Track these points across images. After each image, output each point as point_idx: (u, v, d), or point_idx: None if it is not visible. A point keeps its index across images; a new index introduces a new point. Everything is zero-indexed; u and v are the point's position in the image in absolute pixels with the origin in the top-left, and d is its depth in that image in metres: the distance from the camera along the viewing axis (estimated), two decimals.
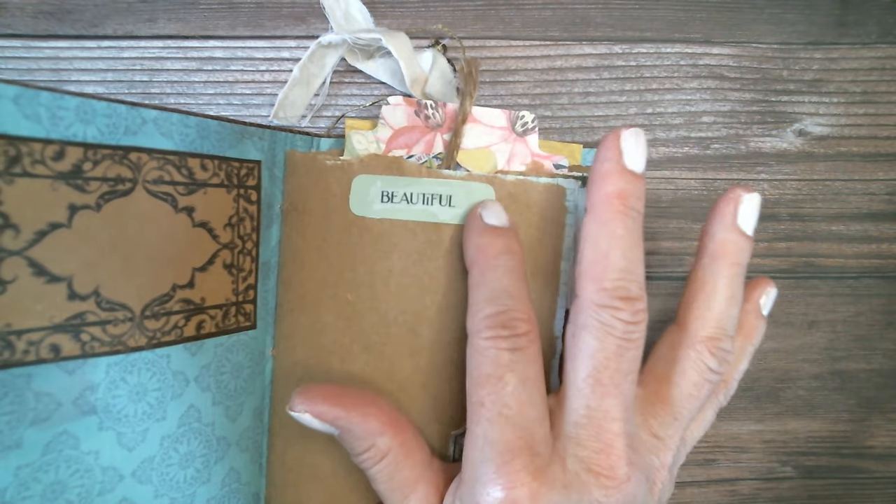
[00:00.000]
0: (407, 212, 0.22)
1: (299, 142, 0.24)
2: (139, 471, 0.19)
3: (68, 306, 0.17)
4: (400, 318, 0.22)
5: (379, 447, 0.20)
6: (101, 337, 0.17)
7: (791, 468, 0.29)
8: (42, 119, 0.16)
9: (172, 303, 0.19)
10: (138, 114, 0.18)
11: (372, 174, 0.22)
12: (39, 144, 0.16)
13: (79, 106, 0.16)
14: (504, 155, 0.23)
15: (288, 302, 0.23)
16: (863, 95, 0.27)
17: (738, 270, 0.20)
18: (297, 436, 0.23)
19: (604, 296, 0.18)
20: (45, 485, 0.17)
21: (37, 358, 0.16)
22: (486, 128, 0.23)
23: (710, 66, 0.27)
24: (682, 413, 0.19)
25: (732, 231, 0.20)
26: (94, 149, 0.17)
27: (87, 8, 0.25)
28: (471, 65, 0.22)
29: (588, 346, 0.18)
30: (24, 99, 0.15)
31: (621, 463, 0.18)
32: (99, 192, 0.17)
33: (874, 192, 0.28)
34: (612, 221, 0.18)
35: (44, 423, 0.17)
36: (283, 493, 0.23)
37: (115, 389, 0.18)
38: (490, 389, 0.18)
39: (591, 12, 0.27)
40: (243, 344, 0.22)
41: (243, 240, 0.21)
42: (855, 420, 0.29)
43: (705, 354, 0.19)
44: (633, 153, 0.19)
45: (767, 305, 0.23)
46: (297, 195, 0.23)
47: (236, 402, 0.22)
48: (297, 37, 0.26)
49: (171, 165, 0.19)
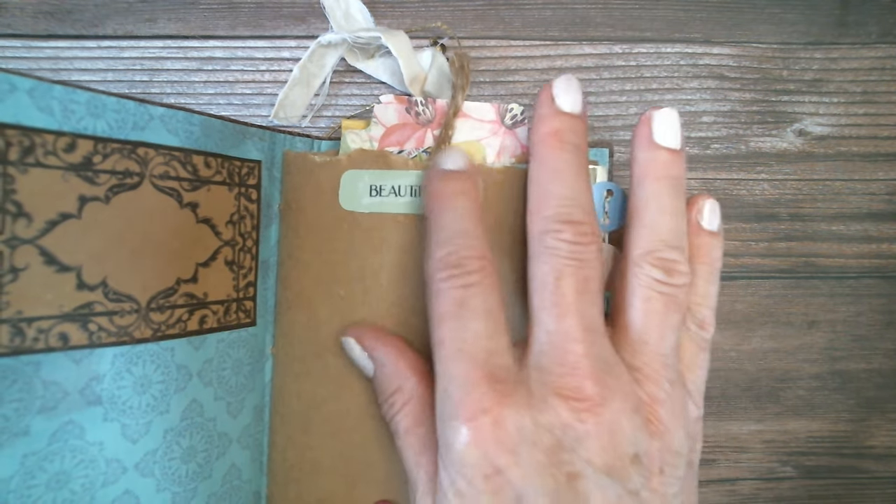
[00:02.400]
0: (395, 204, 0.22)
1: (299, 143, 0.24)
2: (142, 463, 0.19)
3: (77, 296, 0.17)
4: (392, 311, 0.22)
5: (404, 390, 0.20)
6: (107, 327, 0.18)
7: (791, 468, 0.29)
8: (55, 112, 0.16)
9: (177, 296, 0.19)
10: (146, 110, 0.18)
11: (360, 169, 0.22)
12: (52, 136, 0.16)
13: (89, 100, 0.17)
14: (494, 148, 0.23)
15: (286, 300, 0.23)
16: (863, 95, 0.27)
17: (666, 183, 0.19)
18: (298, 432, 0.23)
19: (545, 223, 0.18)
20: (51, 474, 0.17)
21: (46, 346, 0.16)
22: (476, 122, 0.23)
23: (710, 66, 0.27)
24: (650, 336, 0.18)
25: (650, 148, 0.20)
26: (103, 142, 0.17)
27: (87, 8, 0.25)
28: (462, 59, 0.22)
29: (538, 273, 0.18)
30: (39, 92, 0.16)
31: (589, 383, 0.17)
32: (108, 184, 0.17)
33: (874, 192, 0.28)
34: (549, 158, 0.18)
35: (51, 412, 0.17)
36: (285, 490, 0.23)
37: (120, 380, 0.18)
38: (447, 327, 0.18)
39: (591, 12, 0.27)
40: (244, 341, 0.22)
41: (244, 237, 0.21)
42: (855, 420, 0.29)
43: (646, 268, 0.19)
44: (565, 96, 0.19)
45: (711, 219, 0.21)
46: (292, 194, 0.23)
47: (237, 398, 0.22)
48: (297, 37, 0.26)
49: (177, 161, 0.19)
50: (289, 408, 0.23)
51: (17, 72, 0.15)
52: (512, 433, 0.16)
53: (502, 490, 0.16)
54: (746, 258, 0.28)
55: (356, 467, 0.22)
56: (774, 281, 0.28)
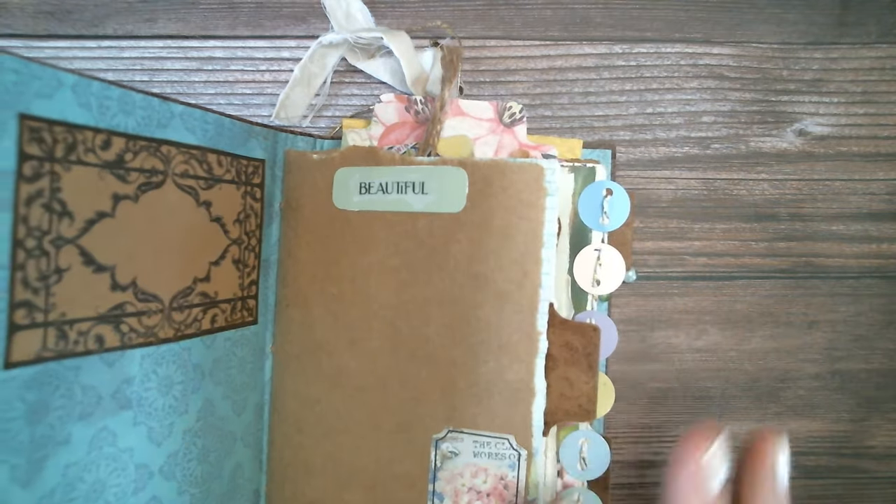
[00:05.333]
0: (383, 202, 0.22)
1: (301, 142, 0.24)
2: (165, 466, 0.18)
3: (111, 297, 0.16)
4: (381, 312, 0.22)
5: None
6: (137, 328, 0.17)
7: (791, 468, 0.29)
8: (92, 108, 0.16)
9: (193, 296, 0.19)
10: (168, 108, 0.18)
11: (351, 166, 0.22)
12: (91, 133, 0.16)
13: (121, 97, 0.17)
14: (492, 146, 0.23)
15: (284, 298, 0.23)
16: (863, 95, 0.27)
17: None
18: (294, 431, 0.23)
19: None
20: (89, 484, 0.16)
21: (84, 349, 0.16)
22: (475, 120, 0.23)
23: (711, 66, 0.27)
24: None
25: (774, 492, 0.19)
26: (133, 139, 0.17)
27: (87, 8, 0.25)
28: (452, 52, 0.22)
29: None
30: (80, 87, 0.15)
31: None
32: (137, 182, 0.17)
33: (874, 192, 0.28)
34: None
35: (89, 419, 0.16)
36: (282, 488, 0.23)
37: (147, 382, 0.18)
38: None
39: (591, 12, 0.27)
40: (246, 339, 0.22)
41: (248, 236, 0.21)
42: (855, 420, 0.29)
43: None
44: None
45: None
46: (292, 192, 0.23)
47: (242, 396, 0.22)
48: (298, 37, 0.26)
49: (195, 160, 0.19)
50: (286, 406, 0.23)
51: (61, 67, 0.15)
52: None
53: None
54: (746, 258, 0.28)
55: (346, 470, 0.22)
56: (774, 281, 0.28)
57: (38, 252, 0.14)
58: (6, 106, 0.14)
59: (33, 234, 0.14)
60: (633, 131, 0.27)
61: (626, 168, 0.27)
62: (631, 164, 0.27)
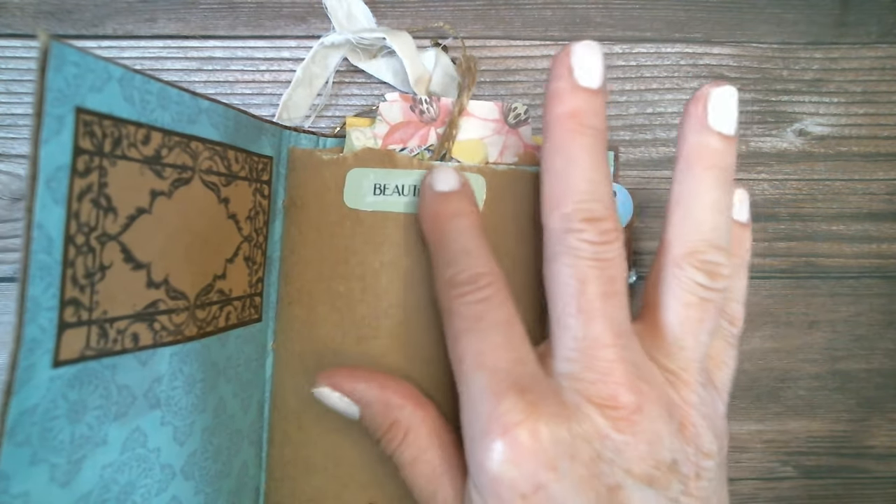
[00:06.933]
0: (398, 204, 0.22)
1: (304, 140, 0.24)
2: (186, 466, 0.18)
3: (146, 294, 0.16)
4: (390, 311, 0.22)
5: (401, 421, 0.18)
6: (167, 326, 0.17)
7: (791, 468, 0.29)
8: (135, 102, 0.15)
9: (213, 293, 0.19)
10: (196, 103, 0.18)
11: (365, 167, 0.22)
12: (133, 127, 0.15)
13: (160, 91, 0.16)
14: (497, 147, 0.23)
15: (287, 295, 0.23)
16: (863, 95, 0.27)
17: (716, 174, 0.18)
18: (294, 428, 0.23)
19: (566, 221, 0.17)
20: (121, 486, 0.16)
21: (122, 348, 0.16)
22: (480, 121, 0.23)
23: (711, 66, 0.27)
24: (687, 341, 0.17)
25: (703, 132, 0.17)
26: (168, 135, 0.17)
27: (87, 8, 0.25)
28: (469, 60, 0.22)
29: (561, 276, 0.17)
30: (125, 80, 0.15)
31: (623, 390, 0.16)
32: (171, 178, 0.17)
33: (874, 191, 0.28)
34: (566, 143, 0.17)
35: (123, 419, 0.16)
36: (281, 486, 0.23)
37: (174, 381, 0.17)
38: (465, 342, 0.17)
39: (591, 12, 0.27)
40: (252, 336, 0.22)
41: (257, 233, 0.21)
42: (855, 420, 0.29)
43: (690, 270, 0.17)
44: (586, 68, 0.17)
45: (742, 210, 0.21)
46: (297, 190, 0.23)
47: (248, 393, 0.22)
48: (298, 37, 0.26)
49: (218, 156, 0.19)
50: (286, 404, 0.23)
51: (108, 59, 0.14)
52: (550, 446, 0.15)
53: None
54: None
55: (346, 468, 0.22)
56: (774, 281, 0.28)
57: (86, 248, 0.14)
58: (67, 100, 0.13)
59: (82, 229, 0.14)
60: (633, 131, 0.27)
61: (627, 168, 0.27)
62: (631, 164, 0.27)
